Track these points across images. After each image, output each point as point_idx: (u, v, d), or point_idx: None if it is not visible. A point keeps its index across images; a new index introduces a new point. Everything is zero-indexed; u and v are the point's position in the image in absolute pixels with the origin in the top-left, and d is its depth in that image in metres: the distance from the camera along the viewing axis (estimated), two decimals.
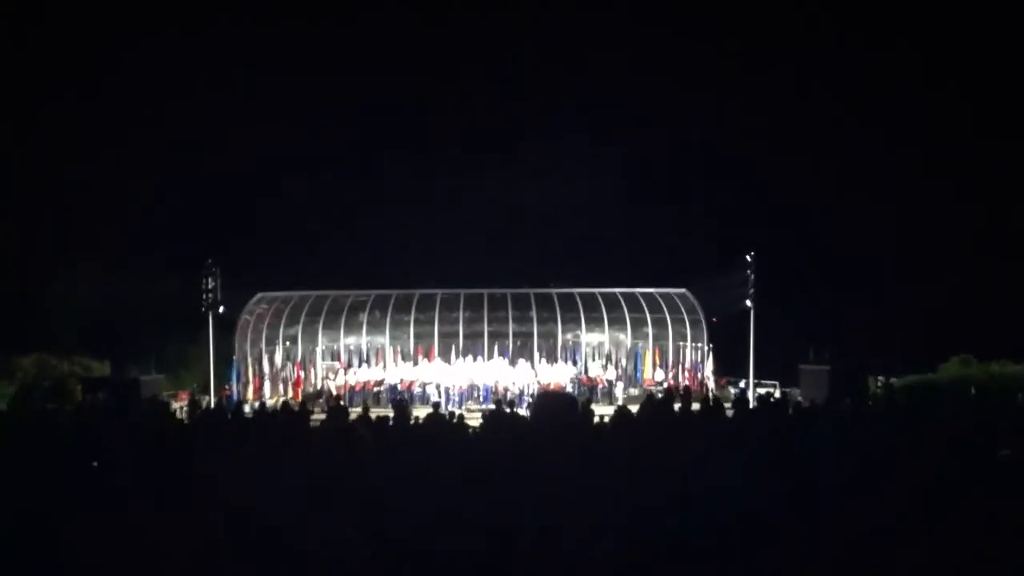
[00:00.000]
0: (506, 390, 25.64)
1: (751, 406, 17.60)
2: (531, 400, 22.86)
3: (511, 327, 29.49)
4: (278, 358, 29.65)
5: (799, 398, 23.96)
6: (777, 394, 25.26)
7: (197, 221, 34.41)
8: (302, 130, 37.16)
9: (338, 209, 37.36)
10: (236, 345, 29.43)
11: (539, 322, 29.72)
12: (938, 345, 26.88)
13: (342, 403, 18.56)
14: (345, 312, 30.11)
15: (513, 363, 28.05)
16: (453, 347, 28.99)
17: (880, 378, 26.17)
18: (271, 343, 29.86)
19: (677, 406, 12.99)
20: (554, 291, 30.27)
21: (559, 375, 27.55)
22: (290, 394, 27.74)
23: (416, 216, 38.98)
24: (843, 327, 29.49)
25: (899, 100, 34.69)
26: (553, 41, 38.78)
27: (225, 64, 35.41)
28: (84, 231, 35.12)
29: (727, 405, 15.41)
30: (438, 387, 26.62)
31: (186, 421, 16.09)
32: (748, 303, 27.93)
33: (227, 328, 29.05)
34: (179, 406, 23.69)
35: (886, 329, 29.10)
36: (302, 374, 28.79)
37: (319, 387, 28.53)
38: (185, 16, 35.42)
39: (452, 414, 15.04)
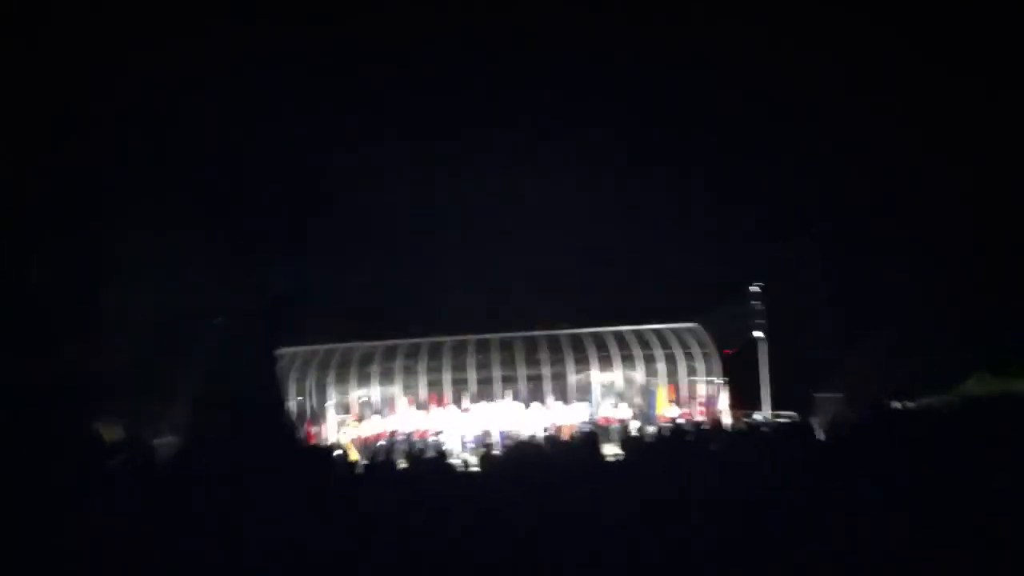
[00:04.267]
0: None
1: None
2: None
3: (522, 371, 29.36)
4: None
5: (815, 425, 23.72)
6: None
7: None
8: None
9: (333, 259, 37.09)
10: None
11: (550, 364, 29.62)
12: (958, 365, 26.58)
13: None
14: (354, 364, 29.99)
15: (527, 406, 27.89)
16: (465, 394, 28.84)
17: (899, 403, 25.89)
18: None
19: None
20: (563, 332, 30.18)
21: (573, 416, 27.38)
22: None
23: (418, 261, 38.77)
24: (862, 354, 29.25)
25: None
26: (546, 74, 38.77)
27: None
28: None
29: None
30: (452, 436, 26.44)
31: None
32: (759, 333, 27.99)
33: None
34: None
35: (907, 354, 28.85)
36: (314, 429, 28.59)
37: (332, 441, 28.32)
38: None
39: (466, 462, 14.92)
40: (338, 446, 26.88)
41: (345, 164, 34.73)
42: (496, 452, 21.28)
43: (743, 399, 29.57)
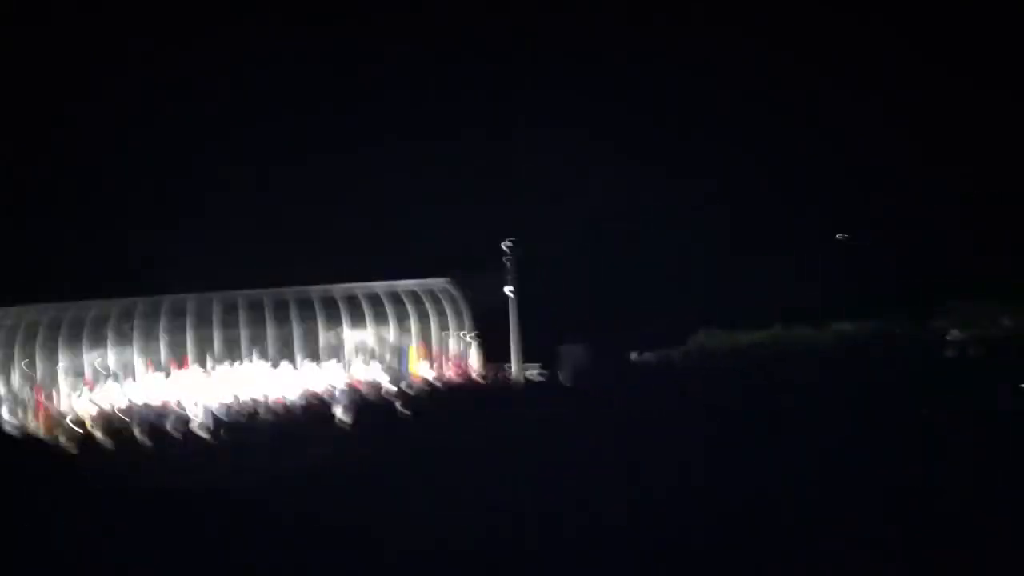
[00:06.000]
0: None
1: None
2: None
3: (270, 330, 28.38)
4: (17, 381, 27.04)
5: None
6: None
7: None
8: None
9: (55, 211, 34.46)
10: None
11: (300, 322, 28.78)
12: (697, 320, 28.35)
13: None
14: (87, 325, 27.85)
15: (275, 367, 27.13)
16: (208, 355, 27.56)
17: (635, 353, 27.25)
18: (3, 366, 27.14)
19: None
20: (313, 290, 29.40)
21: (325, 377, 26.90)
22: (36, 420, 25.43)
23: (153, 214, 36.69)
24: (607, 310, 30.56)
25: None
26: None
27: None
28: None
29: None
30: (196, 404, 25.07)
31: None
32: (508, 290, 28.63)
33: None
34: None
35: (648, 308, 30.38)
36: (43, 398, 26.41)
37: (69, 411, 26.24)
38: None
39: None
40: (75, 420, 24.98)
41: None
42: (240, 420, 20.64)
43: (494, 353, 30.17)
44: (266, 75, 36.15)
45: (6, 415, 25.82)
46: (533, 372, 27.33)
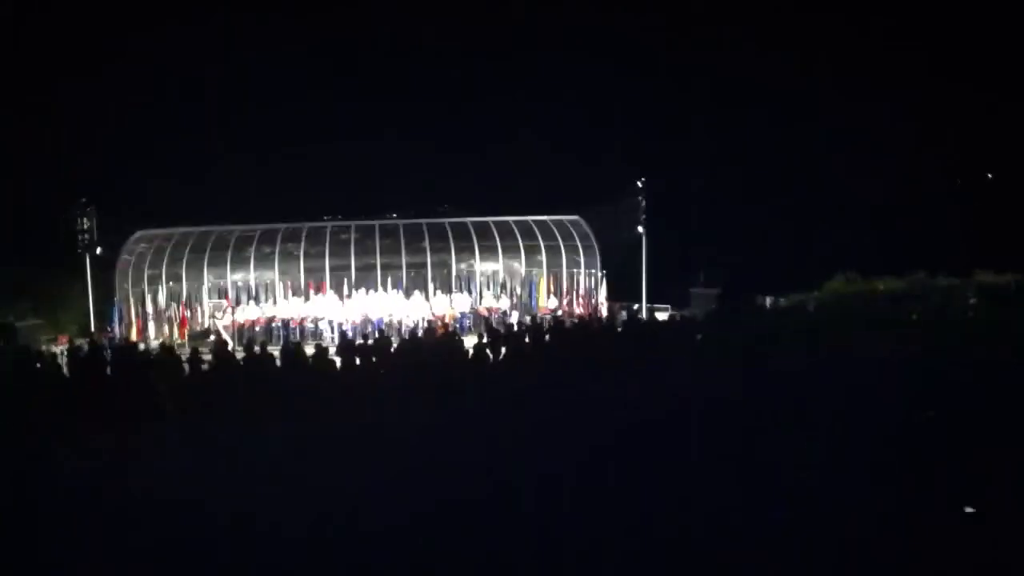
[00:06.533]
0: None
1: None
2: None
3: (404, 258, 29.01)
4: (161, 297, 28.48)
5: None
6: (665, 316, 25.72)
7: (69, 155, 32.51)
8: (180, 60, 35.40)
9: (221, 141, 35.86)
10: (116, 285, 28.17)
11: (432, 252, 29.32)
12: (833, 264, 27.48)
13: (229, 343, 17.97)
14: (231, 248, 29.06)
15: (407, 295, 27.69)
16: (345, 280, 28.37)
17: (769, 298, 26.66)
18: (154, 282, 28.62)
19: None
20: (447, 221, 29.84)
21: (453, 306, 27.34)
22: (176, 334, 26.82)
23: (299, 144, 37.69)
24: (739, 250, 29.96)
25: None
26: None
27: None
28: None
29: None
30: (330, 323, 26.11)
31: (64, 367, 15.26)
32: (640, 229, 28.40)
33: (106, 268, 27.83)
34: (59, 350, 22.62)
35: (781, 250, 29.65)
36: (187, 313, 27.77)
37: (206, 326, 27.65)
38: None
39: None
40: (212, 331, 26.33)
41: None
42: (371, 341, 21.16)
43: (623, 292, 30.04)
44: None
45: (153, 330, 27.31)
46: (662, 313, 27.06)
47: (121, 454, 5.96)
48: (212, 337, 25.28)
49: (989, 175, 33.00)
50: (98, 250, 26.92)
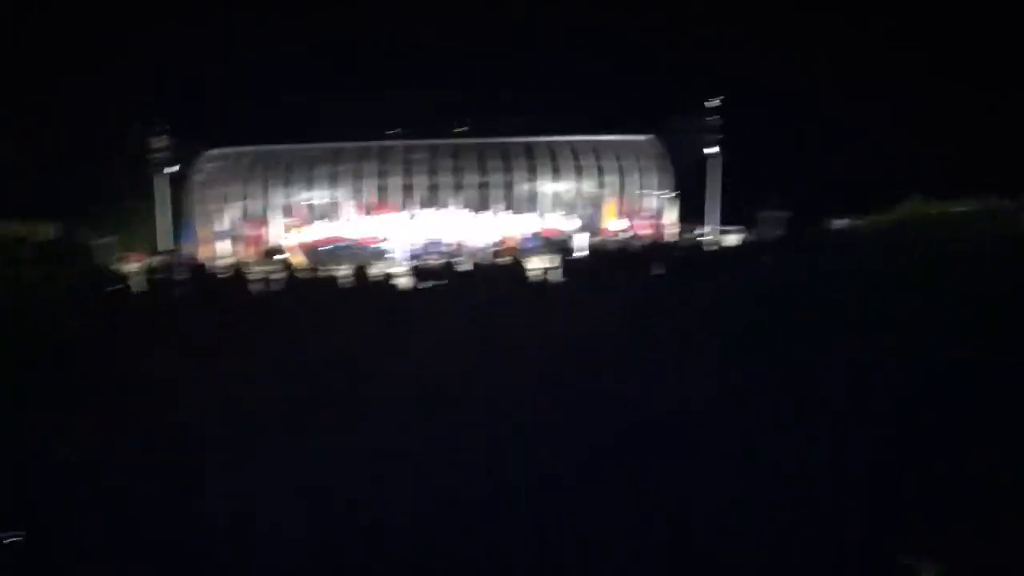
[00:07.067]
0: None
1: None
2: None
3: (469, 178, 28.88)
4: (234, 216, 28.86)
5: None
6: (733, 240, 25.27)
7: (142, 77, 32.72)
8: None
9: (287, 62, 35.71)
10: (188, 204, 28.57)
11: (501, 172, 29.13)
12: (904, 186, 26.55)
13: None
14: (301, 167, 29.24)
15: (474, 213, 27.68)
16: (411, 199, 28.38)
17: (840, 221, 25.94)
18: (225, 201, 28.97)
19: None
20: (514, 140, 29.52)
21: (520, 226, 27.23)
22: (248, 252, 27.21)
23: (365, 63, 37.39)
24: (815, 173, 29.10)
25: None
26: None
27: None
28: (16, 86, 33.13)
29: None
30: (397, 244, 26.18)
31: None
32: (714, 149, 27.70)
33: (178, 187, 28.22)
34: (134, 267, 23.10)
35: (855, 174, 28.74)
36: (259, 231, 28.13)
37: (278, 244, 27.98)
38: None
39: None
40: (281, 250, 26.62)
41: None
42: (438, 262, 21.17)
43: (692, 214, 29.51)
44: None
45: (223, 247, 27.72)
46: (731, 236, 26.61)
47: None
48: (282, 255, 25.59)
49: None
50: (170, 169, 27.22)
